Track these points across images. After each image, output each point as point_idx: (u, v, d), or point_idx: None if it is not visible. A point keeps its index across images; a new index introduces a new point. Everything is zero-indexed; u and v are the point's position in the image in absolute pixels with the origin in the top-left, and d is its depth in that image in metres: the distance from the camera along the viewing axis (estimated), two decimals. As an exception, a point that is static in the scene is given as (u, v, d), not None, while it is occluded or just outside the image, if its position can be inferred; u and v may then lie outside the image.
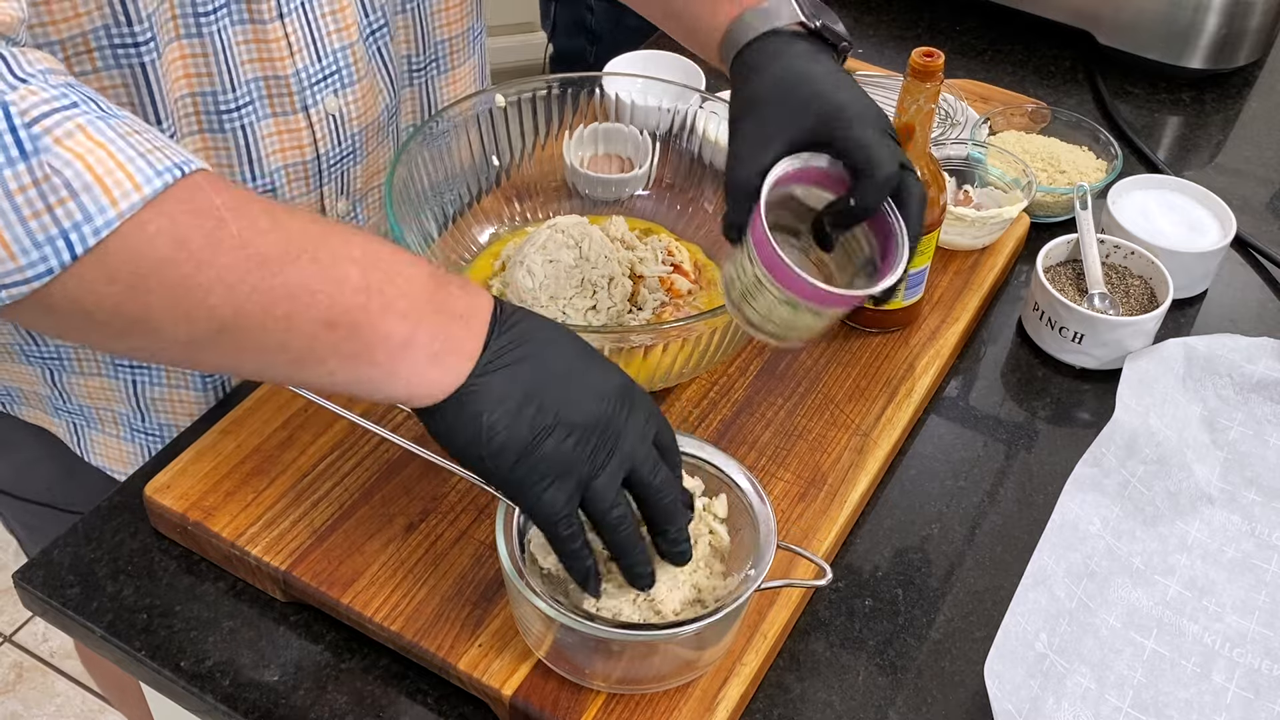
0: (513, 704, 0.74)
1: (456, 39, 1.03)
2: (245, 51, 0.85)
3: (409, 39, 0.99)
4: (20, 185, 0.56)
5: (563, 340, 0.68)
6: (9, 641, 1.98)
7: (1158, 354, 0.98)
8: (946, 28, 1.46)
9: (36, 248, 0.56)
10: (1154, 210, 1.12)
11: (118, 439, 1.01)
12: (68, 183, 0.56)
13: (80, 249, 0.56)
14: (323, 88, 0.90)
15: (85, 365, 0.95)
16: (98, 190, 0.57)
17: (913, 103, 0.90)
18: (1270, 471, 0.92)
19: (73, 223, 0.56)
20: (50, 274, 0.57)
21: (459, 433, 0.65)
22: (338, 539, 0.82)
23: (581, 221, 0.96)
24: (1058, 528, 0.85)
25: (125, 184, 0.57)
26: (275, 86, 0.88)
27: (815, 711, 0.78)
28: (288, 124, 0.90)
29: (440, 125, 0.96)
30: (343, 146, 0.94)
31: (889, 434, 0.91)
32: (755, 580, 0.71)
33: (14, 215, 0.56)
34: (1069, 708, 0.77)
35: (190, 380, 0.97)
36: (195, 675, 0.78)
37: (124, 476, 1.02)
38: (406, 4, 0.96)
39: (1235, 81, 1.40)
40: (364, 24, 0.92)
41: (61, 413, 1.01)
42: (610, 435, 0.66)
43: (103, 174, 0.57)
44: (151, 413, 0.99)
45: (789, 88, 0.77)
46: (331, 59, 0.89)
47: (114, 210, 0.57)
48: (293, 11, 0.85)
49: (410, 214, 0.92)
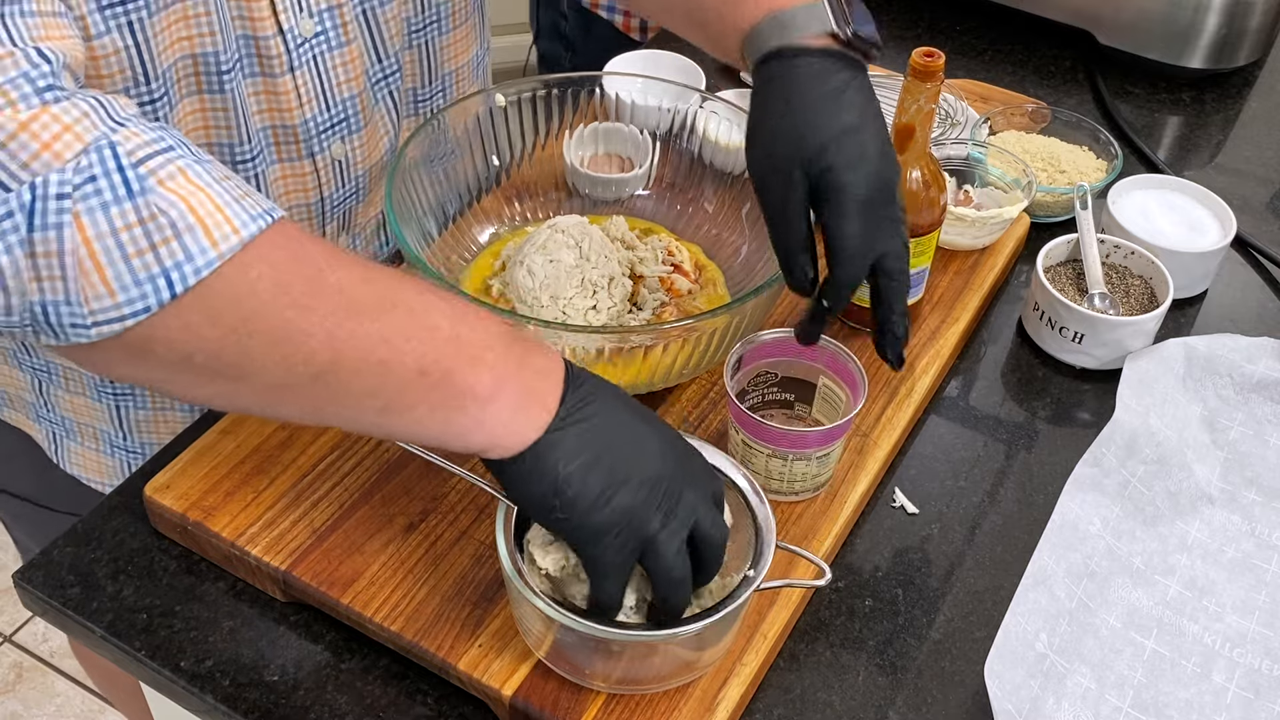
0: (513, 704, 0.74)
1: (463, 68, 1.03)
2: (255, 103, 0.85)
3: (415, 73, 0.98)
4: (126, 224, 0.57)
5: (626, 400, 0.69)
6: (9, 641, 1.98)
7: (1158, 354, 0.98)
8: (946, 28, 1.46)
9: (136, 285, 0.57)
10: (1154, 210, 1.12)
11: (96, 452, 1.01)
12: (173, 223, 0.57)
13: (180, 288, 0.58)
14: (330, 135, 0.91)
15: (71, 384, 0.96)
16: (199, 231, 0.58)
17: (913, 103, 0.89)
18: (1270, 471, 0.92)
19: (174, 262, 0.57)
20: (148, 311, 0.58)
21: (535, 484, 0.66)
22: (338, 539, 0.82)
23: (581, 221, 0.96)
24: (1058, 528, 0.85)
25: (224, 226, 0.59)
26: (283, 135, 0.88)
27: (815, 711, 0.78)
28: (294, 169, 0.90)
29: (440, 126, 0.96)
30: (346, 189, 0.95)
31: (889, 434, 0.91)
32: (755, 581, 0.71)
33: (118, 253, 0.57)
34: (1069, 708, 0.77)
35: (177, 402, 0.97)
36: (195, 675, 0.78)
37: (99, 486, 1.03)
38: (414, 40, 0.96)
39: (1235, 81, 1.40)
40: (374, 70, 0.91)
41: (43, 420, 1.01)
42: (674, 492, 0.67)
43: (204, 215, 0.58)
44: (135, 433, 0.99)
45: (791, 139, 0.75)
46: (340, 108, 0.90)
47: (214, 251, 0.58)
48: (303, 65, 0.85)
49: (410, 214, 0.92)
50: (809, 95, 0.74)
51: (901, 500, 0.91)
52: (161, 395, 0.95)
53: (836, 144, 0.73)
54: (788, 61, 0.75)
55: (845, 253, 0.73)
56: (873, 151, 0.74)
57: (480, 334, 0.65)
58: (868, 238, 0.73)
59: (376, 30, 0.89)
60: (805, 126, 0.74)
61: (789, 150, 0.74)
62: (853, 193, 0.73)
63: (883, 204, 0.74)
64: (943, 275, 1.05)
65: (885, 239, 0.75)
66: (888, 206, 0.75)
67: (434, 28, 0.96)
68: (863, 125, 0.75)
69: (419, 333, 0.63)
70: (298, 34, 0.83)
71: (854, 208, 0.73)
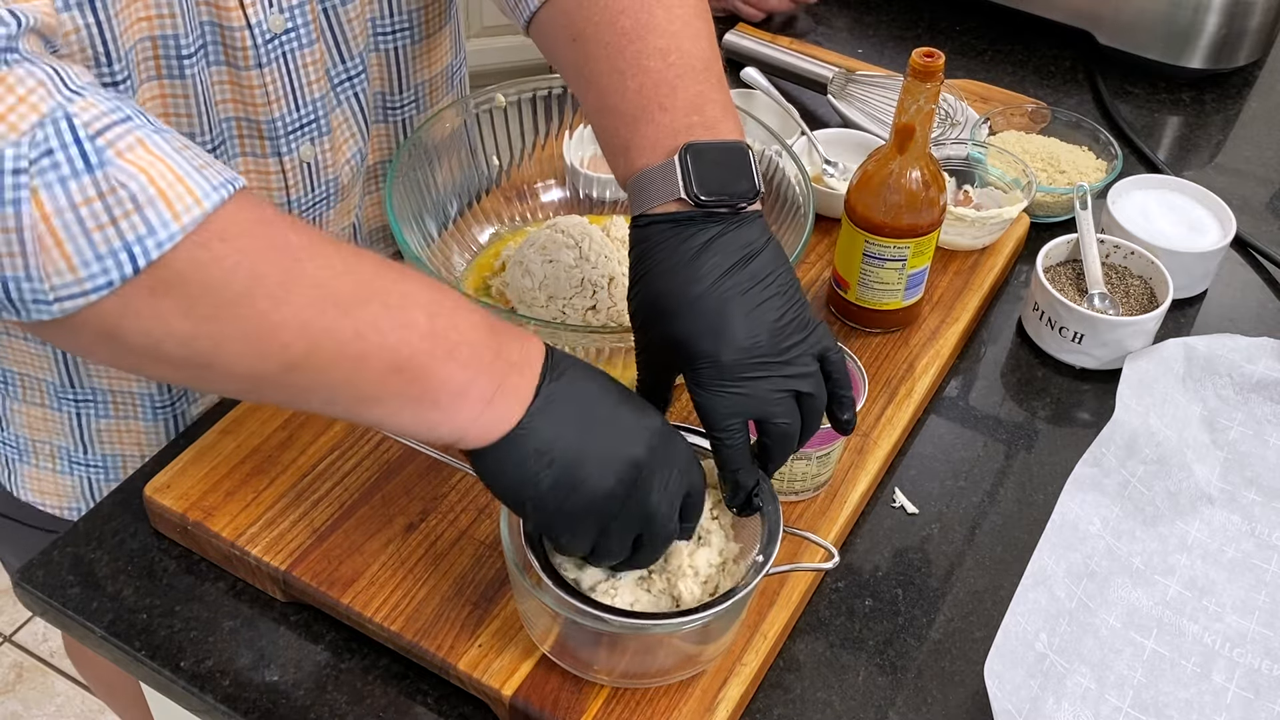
0: (513, 704, 0.74)
1: (437, 77, 1.02)
2: (220, 92, 0.84)
3: (383, 78, 0.96)
4: (86, 197, 0.56)
5: (605, 388, 0.69)
6: (9, 641, 1.98)
7: (1158, 354, 0.98)
8: (946, 28, 1.46)
9: (98, 260, 0.56)
10: (1154, 210, 1.12)
11: (53, 472, 0.98)
12: (133, 196, 0.56)
13: (143, 261, 0.57)
14: (299, 136, 0.89)
15: (29, 394, 0.93)
16: (161, 204, 0.57)
17: (913, 103, 0.90)
18: (1270, 471, 0.92)
19: (136, 236, 0.57)
20: (110, 287, 0.57)
21: (505, 475, 0.66)
22: (338, 539, 0.82)
23: (581, 221, 0.96)
24: (1058, 528, 0.85)
25: (186, 198, 0.58)
26: (248, 129, 0.87)
27: (815, 711, 0.78)
28: (259, 165, 0.89)
29: (440, 126, 0.96)
30: (315, 193, 0.93)
31: (889, 434, 0.91)
32: (764, 566, 0.71)
33: (78, 228, 0.56)
34: (1069, 708, 0.77)
35: (141, 410, 0.95)
36: (195, 675, 0.78)
37: (56, 511, 1.00)
38: (380, 44, 0.94)
39: (1235, 81, 1.40)
40: (337, 71, 0.90)
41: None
42: (639, 489, 0.67)
43: (165, 187, 0.57)
44: (95, 444, 0.96)
45: (649, 307, 0.72)
46: (310, 108, 0.88)
47: (176, 224, 0.57)
48: (272, 62, 0.84)
49: (410, 214, 0.92)
50: (662, 264, 0.71)
51: (901, 500, 0.91)
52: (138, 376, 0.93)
53: (689, 314, 0.70)
54: (643, 229, 0.72)
55: (704, 418, 0.71)
56: (733, 315, 0.69)
57: (458, 328, 0.65)
58: (732, 401, 0.70)
59: (339, 28, 0.88)
60: (658, 297, 0.71)
61: (649, 317, 0.72)
62: (705, 361, 0.69)
63: (750, 369, 0.69)
64: (943, 275, 1.05)
65: (757, 405, 0.70)
66: (762, 371, 0.70)
67: (405, 34, 0.94)
68: (718, 292, 0.70)
69: (395, 328, 0.62)
70: (266, 29, 0.82)
71: (708, 375, 0.69)
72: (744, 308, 0.70)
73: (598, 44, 0.77)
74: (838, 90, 1.24)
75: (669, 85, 0.74)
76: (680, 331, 0.70)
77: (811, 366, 0.71)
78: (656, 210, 0.72)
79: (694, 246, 0.71)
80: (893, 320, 0.99)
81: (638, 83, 0.74)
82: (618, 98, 0.75)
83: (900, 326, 1.00)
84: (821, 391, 0.72)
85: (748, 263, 0.71)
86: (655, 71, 0.74)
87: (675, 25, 0.76)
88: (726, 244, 0.71)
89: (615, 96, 0.75)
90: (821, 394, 0.72)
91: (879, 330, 1.00)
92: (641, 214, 0.72)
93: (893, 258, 0.95)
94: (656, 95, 0.74)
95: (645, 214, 0.72)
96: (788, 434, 0.71)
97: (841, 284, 0.99)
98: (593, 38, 0.77)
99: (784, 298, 0.71)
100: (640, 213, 0.73)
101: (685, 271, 0.70)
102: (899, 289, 0.97)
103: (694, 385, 0.70)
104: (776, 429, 0.71)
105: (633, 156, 0.74)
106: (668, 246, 0.71)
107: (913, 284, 0.97)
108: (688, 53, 0.75)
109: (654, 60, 0.75)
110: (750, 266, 0.71)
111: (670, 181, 0.71)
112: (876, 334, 1.00)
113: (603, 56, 0.76)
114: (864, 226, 0.95)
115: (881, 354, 0.98)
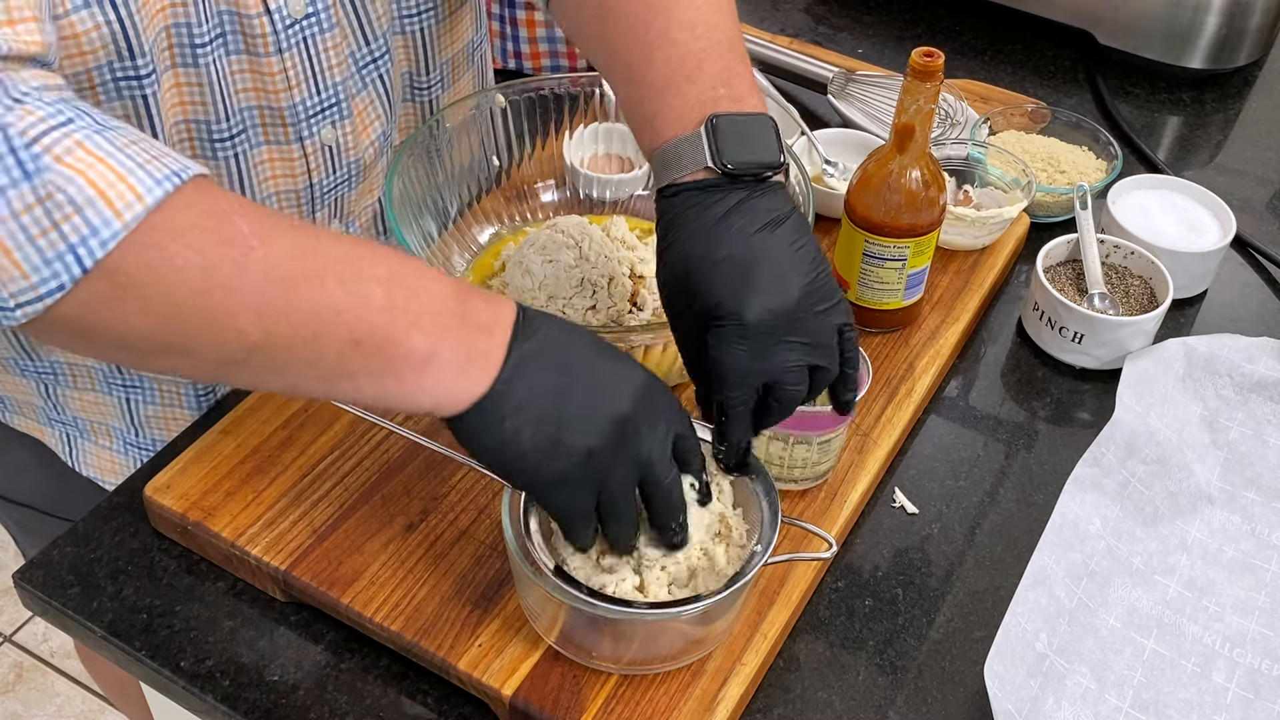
0: (512, 704, 0.74)
1: (459, 54, 1.02)
2: (240, 81, 0.84)
3: (409, 59, 0.97)
4: (25, 205, 0.57)
5: (584, 344, 0.69)
6: (9, 641, 1.98)
7: (1158, 354, 0.98)
8: (946, 28, 1.46)
9: (46, 265, 0.57)
10: (1154, 210, 1.12)
11: (110, 450, 1.01)
12: (71, 199, 0.57)
13: (89, 262, 0.57)
14: (320, 120, 0.89)
15: (79, 381, 0.95)
16: (101, 204, 0.57)
17: (913, 103, 0.90)
18: (1270, 471, 0.92)
19: (80, 237, 0.57)
20: (62, 289, 0.58)
21: (484, 438, 0.66)
22: (338, 539, 0.82)
23: (581, 221, 0.96)
24: (1058, 528, 0.85)
25: (127, 195, 0.58)
26: (270, 116, 0.87)
27: (815, 711, 0.78)
28: (281, 152, 0.89)
29: (440, 126, 0.96)
30: (337, 175, 0.94)
31: (889, 434, 0.91)
32: (762, 555, 0.71)
33: (22, 235, 0.57)
34: (1069, 708, 0.77)
35: (185, 399, 0.97)
36: (195, 675, 0.78)
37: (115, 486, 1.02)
38: (406, 25, 0.95)
39: (1235, 81, 1.40)
40: (361, 53, 0.90)
41: (55, 423, 1.01)
42: (628, 440, 0.67)
43: (104, 187, 0.58)
44: (146, 429, 0.99)
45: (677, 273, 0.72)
46: (331, 92, 0.89)
47: (119, 222, 0.58)
48: (293, 47, 0.84)
49: (410, 214, 0.92)
50: (688, 229, 0.72)
51: (901, 500, 0.91)
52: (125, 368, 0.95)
53: (715, 275, 0.71)
54: (670, 199, 0.73)
55: (718, 376, 0.71)
56: (759, 275, 0.70)
57: (419, 297, 0.64)
58: (750, 362, 0.70)
59: (361, 10, 0.88)
60: (687, 260, 0.72)
61: (677, 284, 0.73)
62: (731, 321, 0.70)
63: (772, 332, 0.70)
64: (943, 275, 1.05)
65: (774, 369, 0.71)
66: (784, 334, 0.71)
67: (430, 14, 0.95)
68: (745, 253, 0.71)
69: (351, 304, 0.62)
70: (286, 14, 0.82)
71: (732, 332, 0.70)
72: (772, 269, 0.71)
73: (624, 16, 0.77)
74: (838, 90, 1.24)
75: (695, 58, 0.75)
76: (707, 290, 0.70)
77: (832, 339, 0.72)
78: (684, 179, 0.72)
79: (721, 210, 0.71)
80: (893, 320, 0.99)
81: (665, 54, 0.75)
82: (644, 69, 0.76)
83: (900, 326, 1.00)
84: (835, 367, 0.73)
85: (775, 227, 0.72)
86: (682, 44, 0.75)
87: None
88: (754, 207, 0.72)
89: (642, 68, 0.76)
90: (835, 369, 0.73)
91: (879, 330, 1.00)
92: (669, 184, 0.73)
93: (893, 258, 0.95)
94: (684, 68, 0.75)
95: (673, 183, 0.73)
96: (794, 400, 0.72)
97: (841, 284, 0.99)
98: (618, 10, 0.78)
99: (811, 264, 0.72)
100: (667, 183, 0.73)
101: (713, 233, 0.71)
102: (899, 289, 0.97)
103: (715, 344, 0.70)
104: (785, 394, 0.72)
105: (659, 127, 0.74)
106: (695, 210, 0.72)
107: (913, 284, 0.97)
108: (715, 26, 0.76)
109: (681, 33, 0.75)
110: (778, 231, 0.72)
111: (697, 151, 0.72)
112: (876, 334, 1.00)
113: (629, 29, 0.77)
114: (864, 226, 0.95)
115: (881, 354, 0.98)
